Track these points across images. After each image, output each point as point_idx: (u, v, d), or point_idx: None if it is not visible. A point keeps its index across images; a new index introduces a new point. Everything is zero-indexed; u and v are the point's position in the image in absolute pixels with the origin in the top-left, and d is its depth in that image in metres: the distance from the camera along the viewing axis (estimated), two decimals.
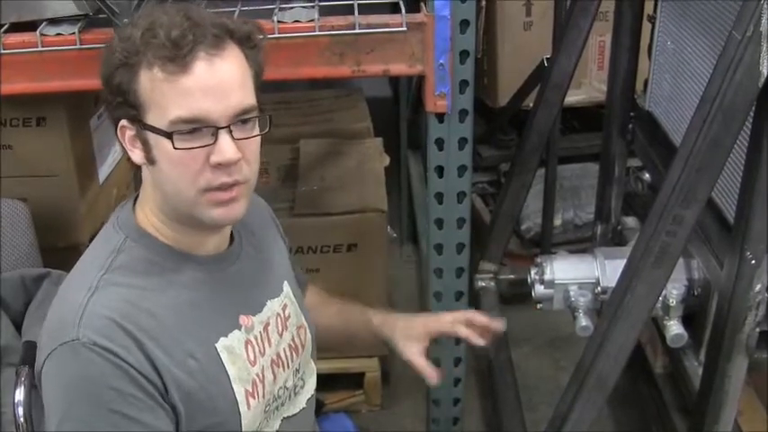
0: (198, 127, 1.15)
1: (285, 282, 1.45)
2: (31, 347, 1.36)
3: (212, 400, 1.23)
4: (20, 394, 1.30)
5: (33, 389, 1.32)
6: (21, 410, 1.30)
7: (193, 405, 1.20)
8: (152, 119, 1.16)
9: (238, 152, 1.17)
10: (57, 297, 1.26)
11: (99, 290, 1.18)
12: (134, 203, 1.29)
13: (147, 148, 1.19)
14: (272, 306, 1.38)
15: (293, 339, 1.42)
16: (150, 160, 1.20)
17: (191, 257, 1.27)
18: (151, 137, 1.17)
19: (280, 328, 1.39)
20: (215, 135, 1.15)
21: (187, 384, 1.20)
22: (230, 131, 1.16)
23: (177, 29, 1.13)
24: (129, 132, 1.21)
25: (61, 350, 1.15)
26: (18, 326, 1.49)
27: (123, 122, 1.20)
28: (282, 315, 1.40)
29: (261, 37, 1.24)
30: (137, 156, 1.22)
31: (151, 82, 1.15)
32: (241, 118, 1.17)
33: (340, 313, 1.63)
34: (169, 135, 1.14)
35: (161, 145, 1.16)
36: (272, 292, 1.40)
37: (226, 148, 1.15)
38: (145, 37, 1.15)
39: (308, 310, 1.51)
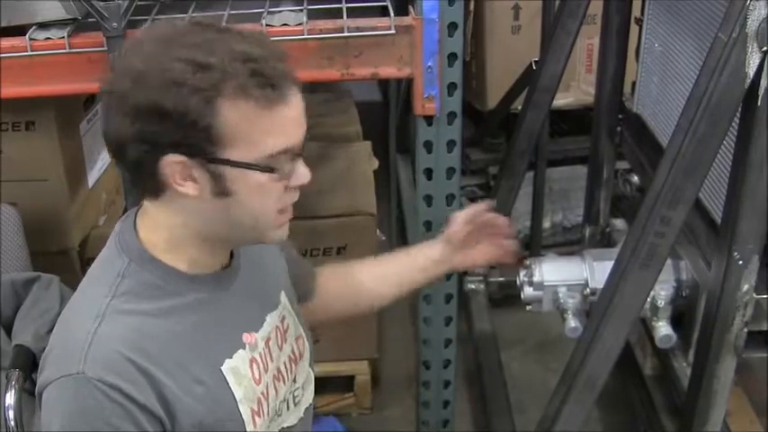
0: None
1: (282, 292, 1.42)
2: (21, 351, 1.37)
3: (221, 423, 1.21)
4: (10, 398, 1.30)
5: (24, 393, 1.32)
6: (11, 414, 1.30)
7: (203, 430, 1.19)
8: (237, 153, 1.11)
9: None
10: (63, 318, 1.23)
11: (106, 317, 1.15)
12: (134, 220, 1.25)
13: (218, 183, 1.14)
14: (272, 320, 1.36)
15: (293, 351, 1.40)
16: (221, 194, 1.15)
17: (194, 278, 1.23)
18: (228, 171, 1.12)
19: (280, 342, 1.36)
20: (293, 159, 1.18)
21: (196, 411, 1.18)
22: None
23: (274, 60, 1.12)
24: (181, 167, 1.12)
25: (65, 381, 1.13)
26: (8, 330, 1.49)
27: (177, 158, 1.11)
28: (281, 327, 1.38)
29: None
30: (191, 188, 1.14)
31: (240, 114, 1.09)
32: None
33: (385, 278, 1.69)
34: (270, 169, 1.14)
35: (246, 178, 1.13)
36: (271, 306, 1.38)
37: (305, 171, 1.21)
38: (234, 66, 1.08)
39: (333, 295, 1.62)
